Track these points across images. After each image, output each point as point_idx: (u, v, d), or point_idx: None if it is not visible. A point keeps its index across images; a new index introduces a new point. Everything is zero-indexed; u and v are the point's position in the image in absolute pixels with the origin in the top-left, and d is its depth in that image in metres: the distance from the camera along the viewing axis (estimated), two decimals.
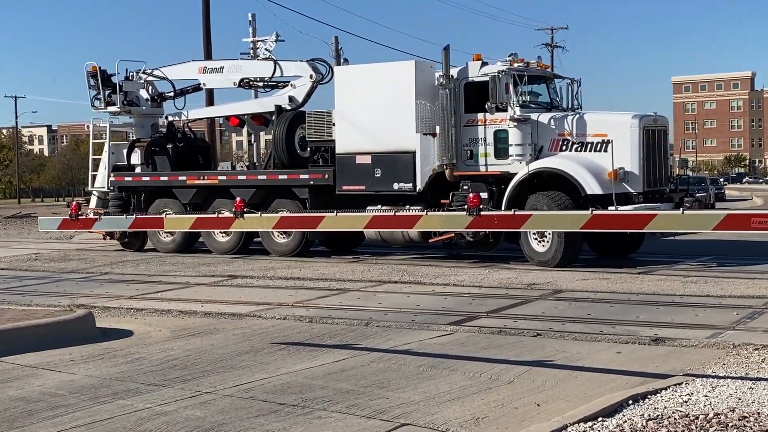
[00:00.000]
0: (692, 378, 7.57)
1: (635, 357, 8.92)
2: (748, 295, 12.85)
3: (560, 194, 17.18)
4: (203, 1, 34.68)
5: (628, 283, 14.63)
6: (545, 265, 17.04)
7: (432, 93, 18.45)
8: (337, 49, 43.30)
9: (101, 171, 23.86)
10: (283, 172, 20.72)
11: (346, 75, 20.03)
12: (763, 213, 6.63)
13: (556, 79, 19.85)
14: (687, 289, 13.71)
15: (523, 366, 8.54)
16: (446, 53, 17.97)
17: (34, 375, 8.65)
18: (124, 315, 12.41)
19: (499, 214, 9.27)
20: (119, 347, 10.01)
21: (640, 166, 17.20)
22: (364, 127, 19.12)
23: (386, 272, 16.88)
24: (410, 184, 18.60)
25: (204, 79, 23.93)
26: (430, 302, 13.06)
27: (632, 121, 17.42)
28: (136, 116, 24.05)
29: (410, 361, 8.90)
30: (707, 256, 18.17)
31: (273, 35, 23.46)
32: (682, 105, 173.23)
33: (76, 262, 20.45)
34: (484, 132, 18.12)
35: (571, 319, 11.24)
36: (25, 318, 10.64)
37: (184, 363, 9.05)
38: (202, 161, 24.10)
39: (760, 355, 8.63)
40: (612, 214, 9.33)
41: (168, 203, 22.07)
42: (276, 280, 16.24)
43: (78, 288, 15.73)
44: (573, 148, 17.62)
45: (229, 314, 12.21)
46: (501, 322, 11.13)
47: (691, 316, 11.27)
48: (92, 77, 23.67)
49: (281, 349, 9.73)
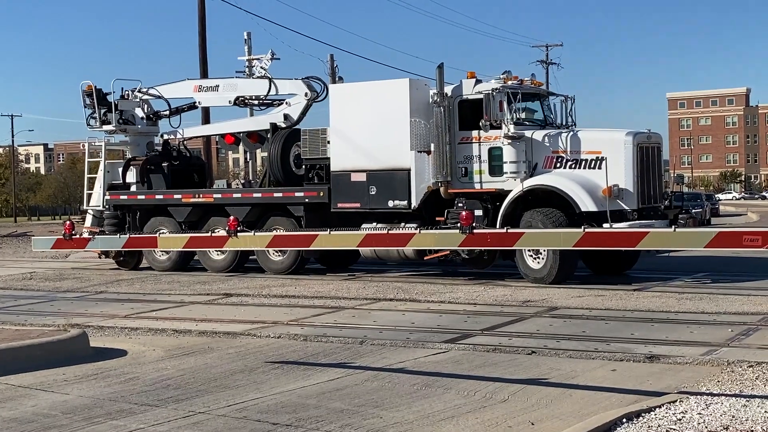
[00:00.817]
0: (686, 396, 7.56)
1: (630, 374, 8.90)
2: (743, 312, 12.85)
3: (555, 211, 17.20)
4: (199, 20, 34.80)
5: (623, 300, 14.63)
6: (540, 282, 17.04)
7: (426, 111, 18.49)
8: (332, 67, 43.45)
9: (97, 189, 23.87)
10: (278, 190, 20.73)
11: (341, 93, 20.08)
12: (755, 231, 6.65)
13: (550, 96, 19.91)
14: (682, 305, 13.71)
15: (517, 384, 8.53)
16: (440, 71, 18.02)
17: (27, 395, 8.62)
18: (119, 334, 12.38)
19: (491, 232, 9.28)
20: (113, 367, 9.98)
21: (634, 183, 17.24)
22: (359, 145, 19.15)
23: (381, 290, 16.87)
24: (405, 202, 18.61)
25: (199, 98, 23.96)
26: (425, 320, 13.04)
27: (626, 139, 17.46)
28: (131, 135, 24.06)
29: (405, 380, 8.88)
30: (702, 273, 18.18)
31: (268, 53, 23.55)
32: (678, 121, 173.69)
33: (71, 281, 20.42)
34: (479, 149, 18.15)
35: (566, 337, 11.23)
36: (19, 338, 10.60)
37: (178, 383, 9.03)
38: (198, 179, 24.11)
39: (754, 372, 8.62)
40: (604, 232, 9.35)
41: (163, 221, 22.06)
42: (271, 298, 16.22)
43: (73, 307, 15.70)
44: (567, 165, 17.66)
45: (224, 333, 12.19)
46: (496, 340, 11.11)
47: (686, 333, 11.27)
48: (88, 96, 23.71)
49: (276, 367, 9.70)
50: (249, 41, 24.92)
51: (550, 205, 17.35)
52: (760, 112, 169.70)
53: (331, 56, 44.32)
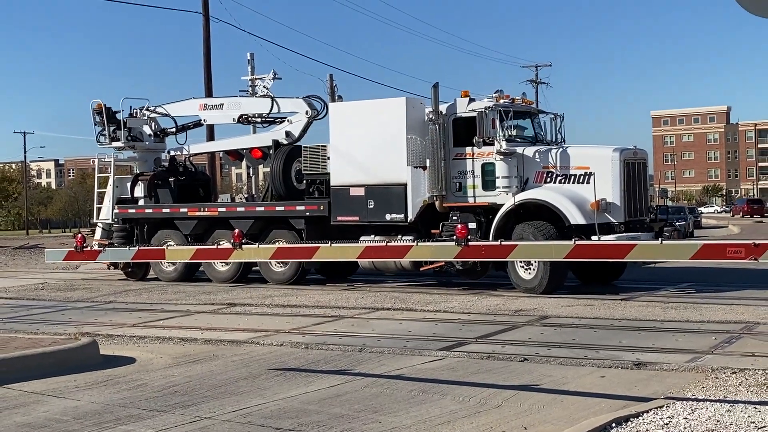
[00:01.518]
0: (673, 401, 7.55)
1: (618, 381, 8.89)
2: (725, 321, 12.85)
3: (545, 224, 17.21)
4: (204, 41, 34.85)
5: (611, 309, 14.62)
6: (532, 291, 17.03)
7: (422, 128, 18.52)
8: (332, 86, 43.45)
9: (106, 203, 23.84)
10: (280, 204, 20.73)
11: (341, 111, 20.11)
12: (738, 243, 6.66)
13: (541, 114, 19.95)
14: (667, 314, 13.70)
15: (510, 390, 8.52)
16: (435, 90, 18.06)
17: (39, 401, 8.59)
18: (127, 342, 12.35)
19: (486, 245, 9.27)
20: (122, 374, 9.95)
21: (621, 197, 17.26)
22: (357, 161, 19.16)
23: (379, 299, 16.85)
24: (402, 215, 18.62)
25: (205, 116, 23.98)
26: (422, 328, 13.02)
27: (613, 155, 17.49)
28: (139, 151, 24.08)
29: (402, 386, 8.86)
30: (687, 283, 18.19)
31: (271, 73, 23.60)
32: (661, 138, 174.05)
33: (81, 291, 20.37)
34: (472, 165, 18.17)
35: (557, 344, 11.22)
36: (31, 346, 10.58)
37: (185, 389, 9.00)
38: (203, 194, 24.09)
39: (737, 379, 8.61)
40: (594, 244, 9.36)
41: (170, 234, 22.03)
42: (273, 307, 16.19)
43: (83, 316, 15.66)
44: (557, 180, 17.68)
45: (229, 341, 12.16)
46: (489, 348, 11.09)
47: (671, 341, 11.26)
48: (98, 114, 23.72)
49: (278, 374, 9.68)
50: (252, 62, 25.01)
51: (541, 219, 17.36)
52: (740, 129, 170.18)
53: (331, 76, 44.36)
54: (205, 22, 34.81)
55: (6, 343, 10.92)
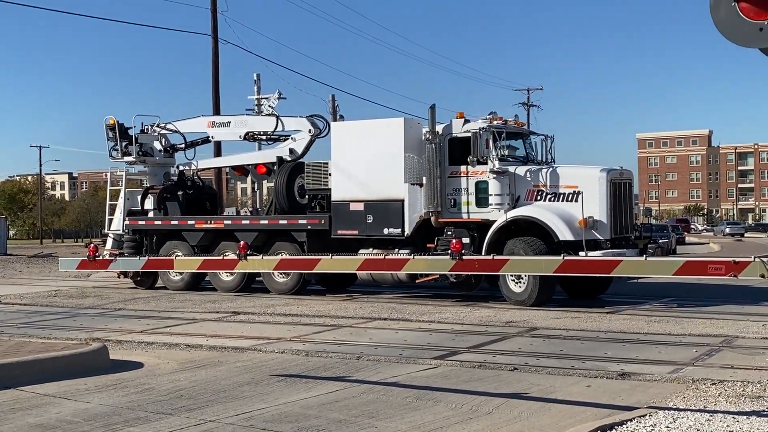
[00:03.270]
0: (655, 410, 7.54)
1: (603, 390, 8.88)
2: (706, 334, 12.85)
3: (535, 240, 17.22)
4: (213, 62, 34.95)
5: (597, 321, 14.61)
6: (522, 304, 17.02)
7: (419, 147, 18.56)
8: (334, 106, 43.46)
9: (117, 215, 23.83)
10: (283, 218, 20.73)
11: (342, 130, 20.14)
12: (719, 260, 6.68)
13: (532, 135, 19.98)
14: (650, 327, 13.70)
15: (501, 398, 8.51)
16: (432, 111, 18.11)
17: (51, 403, 8.57)
18: (136, 348, 12.32)
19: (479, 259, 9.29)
20: (131, 378, 9.93)
21: (607, 215, 17.28)
22: (357, 177, 19.18)
23: (376, 310, 16.83)
24: (399, 230, 18.63)
25: (212, 133, 24.00)
26: (417, 338, 13.00)
27: (600, 174, 17.53)
28: (150, 165, 24.09)
29: (398, 393, 8.85)
30: (669, 298, 18.18)
31: (276, 93, 23.63)
32: (646, 159, 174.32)
33: (92, 298, 20.34)
34: (467, 183, 18.20)
35: (545, 355, 11.20)
36: (44, 350, 10.56)
37: (190, 393, 8.99)
38: (210, 207, 24.09)
39: (717, 390, 8.61)
40: (582, 260, 9.36)
41: (178, 245, 22.01)
42: (275, 316, 16.17)
43: (94, 323, 15.64)
44: (547, 198, 17.71)
45: (232, 348, 12.14)
46: (481, 357, 11.08)
47: (654, 353, 11.25)
48: (111, 130, 23.74)
49: (280, 380, 9.67)
50: (258, 82, 24.97)
51: (531, 234, 17.37)
52: (721, 152, 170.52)
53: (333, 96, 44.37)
54: (214, 44, 34.93)
55: (20, 347, 10.90)
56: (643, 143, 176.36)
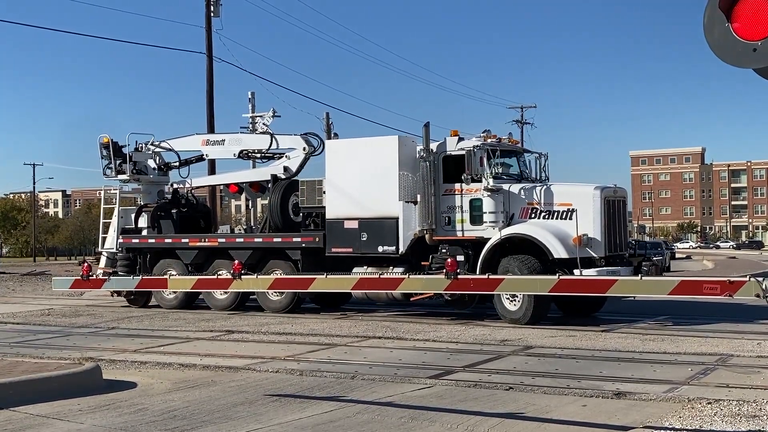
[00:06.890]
0: (651, 430, 7.52)
1: (599, 410, 8.85)
2: (701, 353, 12.81)
3: (530, 258, 17.21)
4: (207, 80, 34.96)
5: (592, 340, 14.57)
6: (516, 322, 16.98)
7: (413, 165, 18.58)
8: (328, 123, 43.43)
9: (111, 233, 23.75)
10: (278, 235, 20.70)
11: (336, 148, 20.16)
12: (714, 280, 6.67)
13: (526, 153, 20.02)
14: (646, 346, 13.66)
15: (496, 418, 8.46)
16: (426, 129, 18.14)
17: (44, 424, 8.51)
18: (129, 368, 12.25)
19: (474, 278, 9.27)
20: (124, 398, 9.86)
21: (601, 232, 17.28)
22: (351, 195, 19.18)
23: (371, 328, 16.77)
24: (393, 247, 18.61)
25: (207, 151, 24.00)
26: (412, 357, 12.95)
27: (594, 192, 17.55)
28: (144, 183, 24.07)
29: (393, 413, 8.81)
30: (664, 316, 18.16)
31: (270, 111, 23.67)
32: (640, 176, 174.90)
33: (85, 317, 20.23)
34: (461, 200, 18.21)
35: (541, 374, 11.16)
36: (37, 370, 10.49)
37: (184, 413, 8.93)
38: (204, 225, 24.04)
39: (712, 409, 8.58)
40: (577, 279, 9.36)
41: (171, 263, 21.94)
42: (270, 335, 16.09)
43: (87, 342, 15.55)
44: (541, 215, 17.72)
45: (226, 367, 12.08)
46: (476, 376, 11.04)
47: (649, 372, 11.22)
48: (105, 148, 23.72)
49: (274, 400, 9.61)
50: (253, 100, 25.10)
51: (526, 252, 17.36)
52: (714, 169, 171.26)
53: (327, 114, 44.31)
54: (209, 63, 34.95)
55: (13, 367, 10.83)
56: (636, 160, 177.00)
